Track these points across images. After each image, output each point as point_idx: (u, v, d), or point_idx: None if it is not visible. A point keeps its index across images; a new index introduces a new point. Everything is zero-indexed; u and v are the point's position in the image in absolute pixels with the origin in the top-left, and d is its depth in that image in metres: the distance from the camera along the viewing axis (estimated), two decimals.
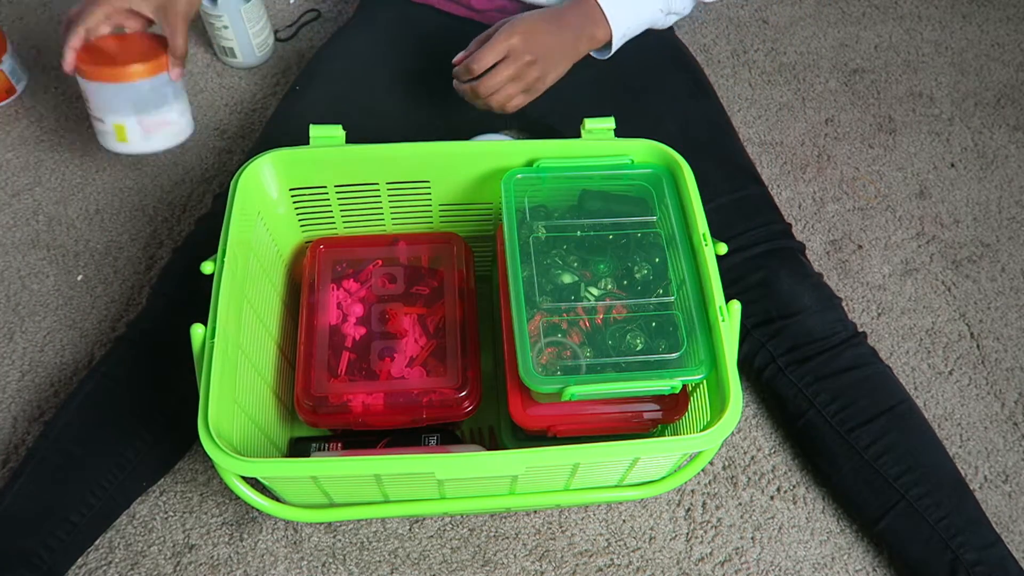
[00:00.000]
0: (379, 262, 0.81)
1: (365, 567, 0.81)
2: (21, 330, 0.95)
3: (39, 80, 1.17)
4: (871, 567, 0.83)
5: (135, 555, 0.80)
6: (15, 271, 0.99)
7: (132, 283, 0.98)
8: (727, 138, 0.94)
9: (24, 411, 0.89)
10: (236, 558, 0.81)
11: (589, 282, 0.71)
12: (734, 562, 0.83)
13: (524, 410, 0.70)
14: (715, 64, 1.26)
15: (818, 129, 1.19)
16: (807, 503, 0.86)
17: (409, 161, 0.76)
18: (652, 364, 0.66)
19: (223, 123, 1.14)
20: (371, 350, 0.77)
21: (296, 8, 1.30)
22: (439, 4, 0.95)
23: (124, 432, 0.77)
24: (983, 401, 0.94)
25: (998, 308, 1.02)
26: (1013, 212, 1.11)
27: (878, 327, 0.99)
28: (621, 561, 0.82)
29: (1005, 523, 0.86)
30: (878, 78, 1.25)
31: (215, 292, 0.65)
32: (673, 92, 0.94)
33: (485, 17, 0.94)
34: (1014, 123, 1.20)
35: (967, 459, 0.90)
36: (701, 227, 0.69)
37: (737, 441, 0.90)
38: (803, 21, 1.33)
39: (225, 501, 0.84)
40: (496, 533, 0.83)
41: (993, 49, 1.30)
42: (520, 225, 0.72)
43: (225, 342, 0.63)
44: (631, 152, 0.75)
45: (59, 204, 1.05)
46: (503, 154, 0.76)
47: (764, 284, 0.84)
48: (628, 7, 0.85)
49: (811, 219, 1.09)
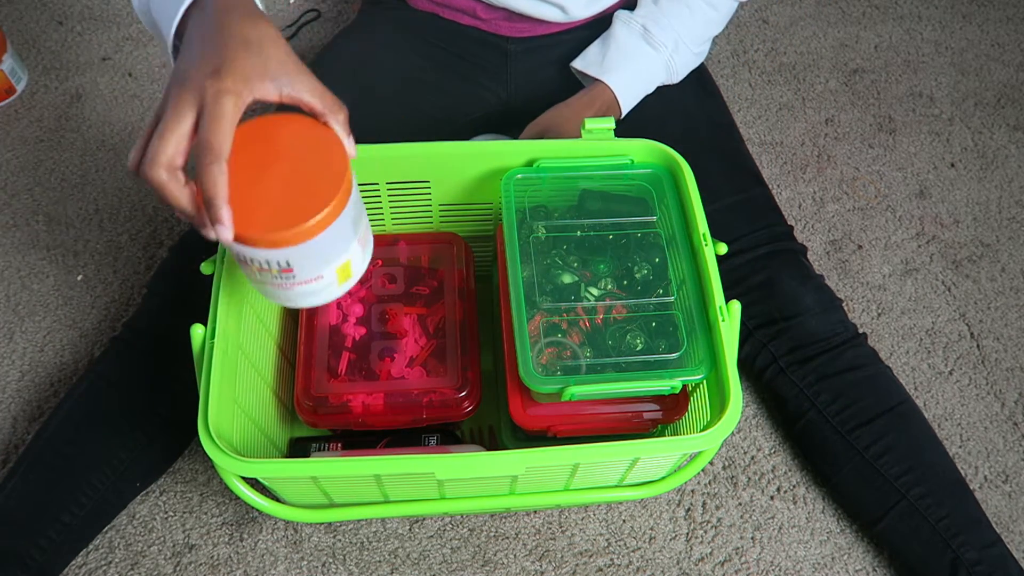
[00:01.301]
0: (379, 262, 0.81)
1: (365, 567, 0.81)
2: (21, 330, 0.95)
3: (39, 80, 1.17)
4: (871, 567, 0.83)
5: (135, 555, 0.80)
6: (15, 271, 0.99)
7: (132, 283, 0.98)
8: (730, 139, 0.94)
9: (24, 411, 0.89)
10: (236, 558, 0.81)
11: (589, 282, 0.71)
12: (734, 562, 0.83)
13: (524, 410, 0.70)
14: (715, 64, 1.26)
15: (818, 129, 1.19)
16: (807, 503, 0.86)
17: (409, 161, 0.76)
18: (652, 364, 0.66)
19: None
20: (371, 350, 0.76)
21: (296, 8, 1.30)
22: (443, 12, 0.94)
23: (117, 432, 0.77)
24: (983, 401, 0.94)
25: (998, 308, 1.02)
26: (1013, 212, 1.11)
27: (878, 327, 0.99)
28: (621, 561, 0.82)
29: (1005, 523, 0.86)
30: (878, 78, 1.25)
31: (215, 292, 0.65)
32: (676, 92, 0.94)
33: (490, 25, 0.93)
34: (1014, 123, 1.20)
35: (967, 459, 0.90)
36: (701, 227, 0.69)
37: (737, 441, 0.90)
38: (803, 21, 1.33)
39: (225, 501, 0.84)
40: (496, 533, 0.83)
41: (993, 49, 1.30)
42: (520, 225, 0.72)
43: (225, 342, 0.63)
44: (631, 152, 0.75)
45: (59, 204, 1.05)
46: (503, 154, 0.75)
47: (766, 285, 0.84)
48: (637, 86, 0.89)
49: (811, 219, 1.09)
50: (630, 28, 0.89)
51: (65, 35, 1.23)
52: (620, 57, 0.88)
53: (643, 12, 0.89)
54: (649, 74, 0.90)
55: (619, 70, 0.88)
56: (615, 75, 0.87)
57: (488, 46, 0.95)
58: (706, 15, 0.89)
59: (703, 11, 0.89)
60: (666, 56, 0.88)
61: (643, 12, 0.89)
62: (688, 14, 0.88)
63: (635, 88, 0.89)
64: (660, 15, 0.88)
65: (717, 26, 0.92)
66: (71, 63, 1.20)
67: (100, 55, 1.21)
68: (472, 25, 0.94)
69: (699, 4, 0.88)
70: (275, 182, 0.51)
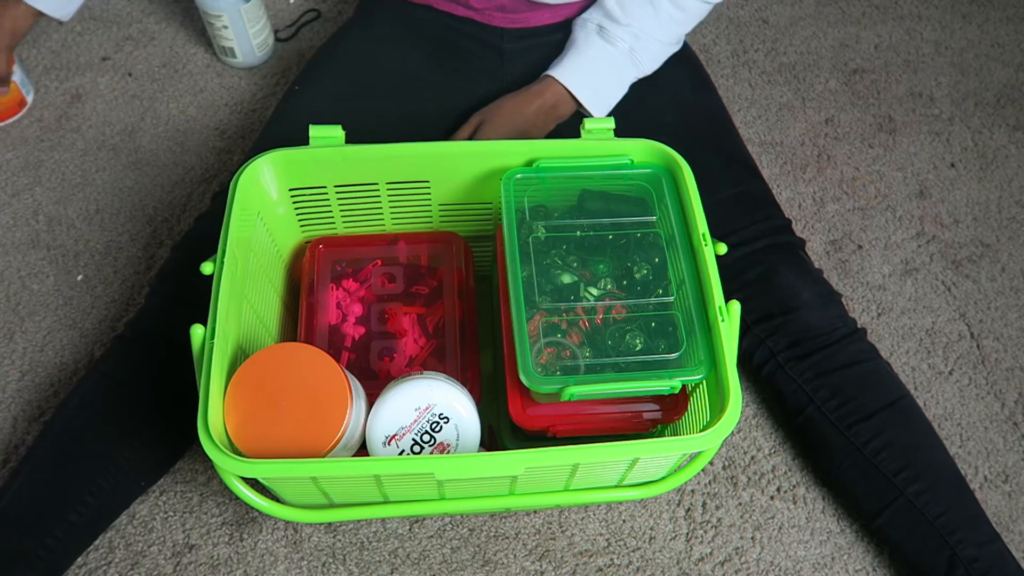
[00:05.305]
0: (379, 262, 0.81)
1: (365, 567, 0.81)
2: (21, 330, 0.95)
3: (39, 80, 1.17)
4: (871, 567, 0.83)
5: (135, 555, 0.80)
6: (15, 271, 0.99)
7: (132, 283, 0.98)
8: (727, 132, 0.95)
9: (24, 411, 0.89)
10: (236, 558, 0.81)
11: (589, 282, 0.71)
12: (734, 562, 0.83)
13: (524, 410, 0.70)
14: (715, 64, 1.26)
15: (818, 129, 1.19)
16: (807, 503, 0.86)
17: (409, 161, 0.76)
18: (652, 364, 0.66)
19: (223, 123, 1.14)
20: (371, 350, 0.77)
21: (296, 8, 1.30)
22: (438, 4, 0.95)
23: (121, 431, 0.77)
24: (983, 401, 0.94)
25: (998, 308, 1.02)
26: (1013, 212, 1.11)
27: (878, 327, 0.99)
28: (621, 561, 0.82)
29: (1005, 523, 0.86)
30: (878, 78, 1.25)
31: (215, 292, 0.65)
32: (673, 86, 0.94)
33: (484, 16, 0.94)
34: (1014, 123, 1.20)
35: (967, 459, 0.90)
36: (701, 227, 0.69)
37: (737, 441, 0.90)
38: (803, 21, 1.33)
39: (225, 501, 0.84)
40: (496, 533, 0.83)
41: (993, 49, 1.30)
42: (520, 225, 0.72)
43: (225, 342, 0.63)
44: (631, 152, 0.75)
45: (59, 204, 1.05)
46: (503, 154, 0.75)
47: (764, 279, 0.84)
48: (594, 80, 0.90)
49: (811, 219, 1.09)
50: (586, 28, 0.90)
51: (65, 35, 1.23)
52: (573, 53, 0.90)
53: (601, 12, 0.90)
54: (609, 67, 0.90)
55: (570, 65, 0.89)
56: (562, 68, 0.89)
57: (484, 41, 0.95)
58: (672, 15, 0.89)
59: (668, 11, 0.89)
60: (625, 49, 0.89)
61: (601, 12, 0.90)
62: (652, 12, 0.89)
63: (592, 82, 0.90)
64: (620, 12, 0.89)
65: (686, 25, 0.92)
66: (71, 63, 1.20)
67: (100, 55, 1.21)
68: (467, 16, 0.94)
69: (664, 4, 0.89)
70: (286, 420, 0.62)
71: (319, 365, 0.63)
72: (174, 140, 1.12)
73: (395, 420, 0.63)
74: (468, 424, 0.64)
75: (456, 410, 0.63)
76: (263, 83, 1.19)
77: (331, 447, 0.61)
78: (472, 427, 0.64)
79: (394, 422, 0.63)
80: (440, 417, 0.63)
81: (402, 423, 0.63)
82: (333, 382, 0.62)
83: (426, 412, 0.63)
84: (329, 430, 0.61)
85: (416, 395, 0.63)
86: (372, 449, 0.64)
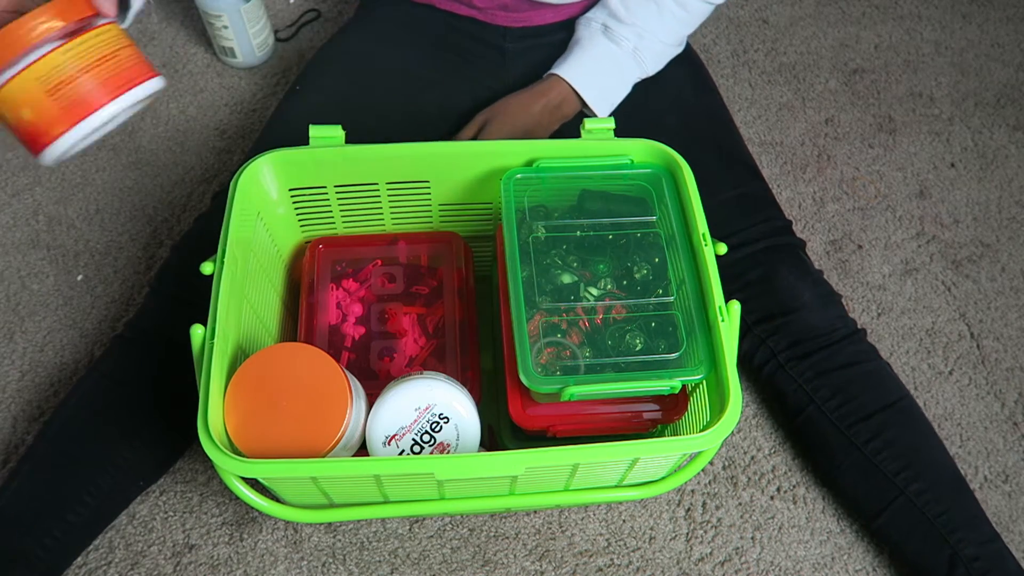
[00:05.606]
0: (378, 262, 0.81)
1: (365, 567, 0.81)
2: (21, 330, 0.95)
3: None
4: (871, 567, 0.83)
5: (135, 555, 0.80)
6: (15, 271, 0.99)
7: (132, 283, 0.98)
8: (729, 133, 0.95)
9: (24, 411, 0.89)
10: (236, 558, 0.81)
11: (589, 282, 0.71)
12: (734, 562, 0.83)
13: (524, 410, 0.70)
14: (715, 64, 1.26)
15: (818, 129, 1.19)
16: (807, 503, 0.86)
17: (409, 161, 0.76)
18: (652, 364, 0.66)
19: (223, 123, 1.14)
20: (371, 350, 0.77)
21: (296, 8, 1.30)
22: (439, 3, 0.95)
23: (121, 431, 0.77)
24: (983, 401, 0.94)
25: (998, 308, 1.02)
26: (1013, 212, 1.11)
27: (878, 327, 0.99)
28: (621, 561, 0.82)
29: (1005, 523, 0.86)
30: (878, 78, 1.25)
31: (215, 292, 0.65)
32: (674, 86, 0.94)
33: (486, 15, 0.94)
34: (1014, 123, 1.20)
35: (967, 459, 0.90)
36: (701, 227, 0.69)
37: (737, 441, 0.90)
38: (803, 21, 1.33)
39: (225, 501, 0.84)
40: (496, 533, 0.83)
41: (993, 49, 1.30)
42: (520, 225, 0.72)
43: (225, 342, 0.63)
44: (631, 152, 0.75)
45: (59, 204, 1.05)
46: (503, 154, 0.75)
47: (765, 280, 0.84)
48: (600, 79, 0.90)
49: (811, 219, 1.09)
50: (590, 28, 0.91)
51: None
52: (578, 51, 0.90)
53: (605, 12, 0.90)
54: (613, 66, 0.90)
55: (575, 63, 0.89)
56: (568, 67, 0.89)
57: (486, 40, 0.95)
58: (675, 14, 0.90)
59: (672, 10, 0.89)
60: (629, 49, 0.89)
61: (605, 12, 0.90)
62: (656, 11, 0.89)
63: (598, 81, 0.90)
64: (624, 12, 0.89)
65: (689, 26, 0.92)
66: None
67: None
68: (469, 16, 0.94)
69: (668, 3, 0.89)
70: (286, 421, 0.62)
71: (319, 365, 0.63)
72: (174, 140, 1.12)
73: (395, 420, 0.63)
74: (468, 424, 0.64)
75: (456, 410, 0.63)
76: (263, 83, 1.19)
77: (331, 447, 0.61)
78: (472, 427, 0.64)
79: (394, 422, 0.63)
80: (440, 417, 0.63)
81: (402, 423, 0.63)
82: (333, 382, 0.62)
83: (426, 412, 0.63)
84: (329, 430, 0.61)
85: (416, 395, 0.63)
86: (372, 449, 0.64)
